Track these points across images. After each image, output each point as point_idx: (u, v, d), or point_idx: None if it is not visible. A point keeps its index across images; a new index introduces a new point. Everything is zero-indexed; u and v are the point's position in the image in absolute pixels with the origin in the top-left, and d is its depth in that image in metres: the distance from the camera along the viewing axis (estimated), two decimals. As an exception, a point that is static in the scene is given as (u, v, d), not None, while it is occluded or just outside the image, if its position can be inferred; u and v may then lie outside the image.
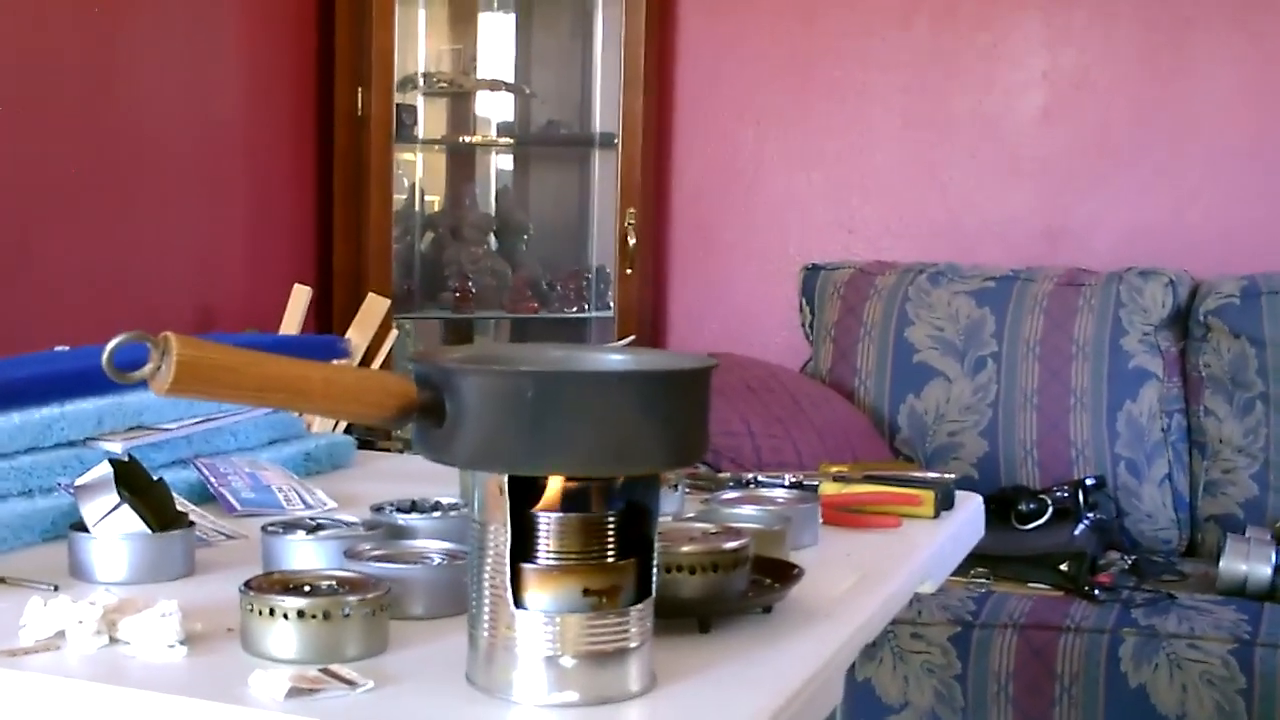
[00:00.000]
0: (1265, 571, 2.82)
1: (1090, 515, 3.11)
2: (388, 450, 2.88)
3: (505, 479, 1.02)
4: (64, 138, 3.12)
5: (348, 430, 2.97)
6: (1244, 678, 2.56)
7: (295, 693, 1.04)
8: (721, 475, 1.85)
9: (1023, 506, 3.10)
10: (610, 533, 1.06)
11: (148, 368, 0.98)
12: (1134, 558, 3.06)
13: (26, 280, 3.03)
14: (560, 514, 1.05)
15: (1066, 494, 3.15)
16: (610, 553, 1.06)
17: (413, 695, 1.07)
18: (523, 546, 1.04)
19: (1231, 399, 3.28)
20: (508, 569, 1.04)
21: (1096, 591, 2.79)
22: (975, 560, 2.72)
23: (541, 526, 1.05)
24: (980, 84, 3.84)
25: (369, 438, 2.98)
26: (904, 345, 3.46)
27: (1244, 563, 2.84)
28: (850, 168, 3.96)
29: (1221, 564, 2.86)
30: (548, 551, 1.05)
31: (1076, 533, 3.03)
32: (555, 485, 1.05)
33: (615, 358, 1.16)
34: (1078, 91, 3.76)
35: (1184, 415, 3.33)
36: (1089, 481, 3.18)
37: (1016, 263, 3.61)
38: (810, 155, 3.99)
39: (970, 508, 1.83)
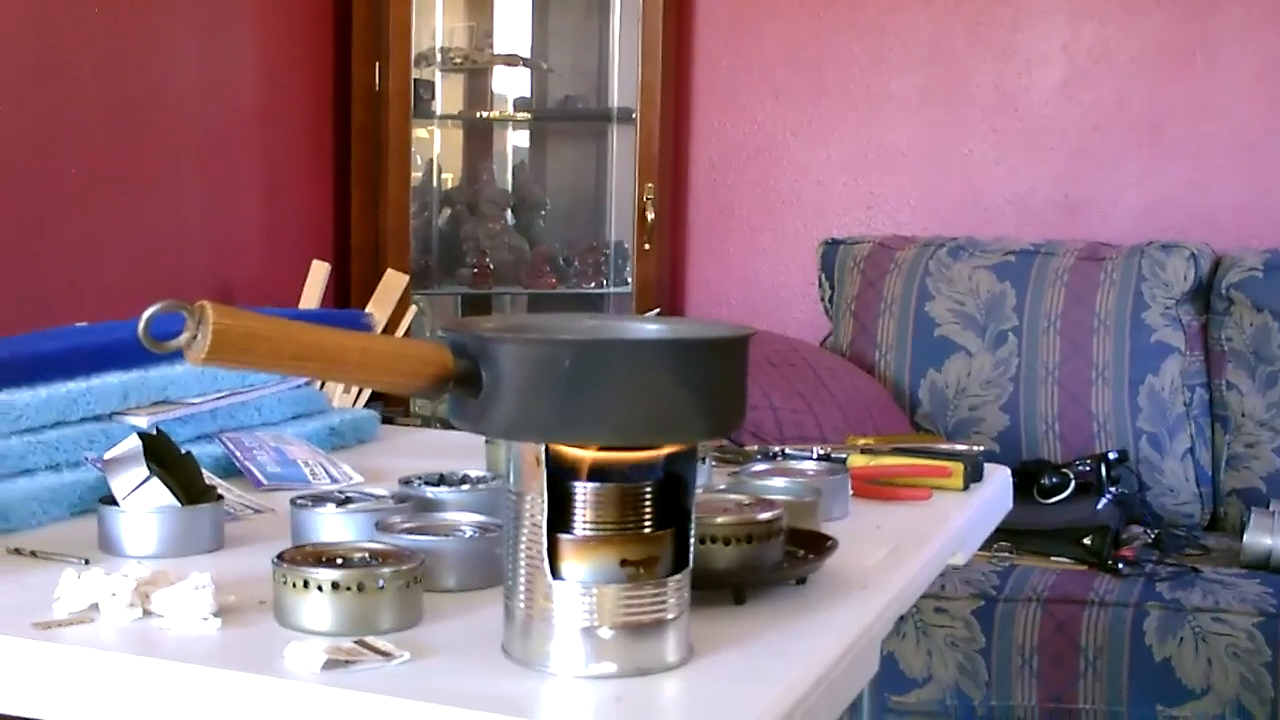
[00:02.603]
0: (1289, 545, 2.81)
1: (1112, 489, 3.10)
2: (409, 425, 2.88)
3: (542, 449, 1.01)
4: (81, 118, 3.11)
5: (369, 404, 2.97)
6: (1269, 650, 2.54)
7: (331, 664, 1.03)
8: (748, 448, 1.84)
9: (1045, 480, 3.09)
10: (648, 503, 1.05)
11: (183, 337, 0.97)
12: (1156, 532, 3.05)
13: (45, 258, 3.03)
14: (597, 484, 1.04)
15: (1088, 468, 3.13)
16: (647, 523, 1.05)
17: (449, 667, 1.06)
18: (559, 517, 1.04)
19: (1254, 373, 3.26)
20: (545, 539, 1.03)
21: (1120, 565, 2.78)
22: (998, 534, 2.69)
23: (578, 497, 1.04)
24: (1000, 57, 3.82)
25: (389, 413, 2.98)
26: (924, 319, 3.44)
27: (1268, 536, 2.83)
28: (869, 142, 3.94)
29: (1246, 538, 2.84)
30: (584, 522, 1.04)
31: (1099, 507, 3.02)
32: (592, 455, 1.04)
33: (650, 327, 1.15)
34: (1097, 65, 3.74)
35: (1206, 389, 3.31)
36: (1111, 455, 3.16)
37: (1037, 236, 3.59)
38: (829, 129, 3.98)
39: (998, 480, 1.82)
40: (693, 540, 1.08)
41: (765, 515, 1.25)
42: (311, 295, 3.43)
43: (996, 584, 2.71)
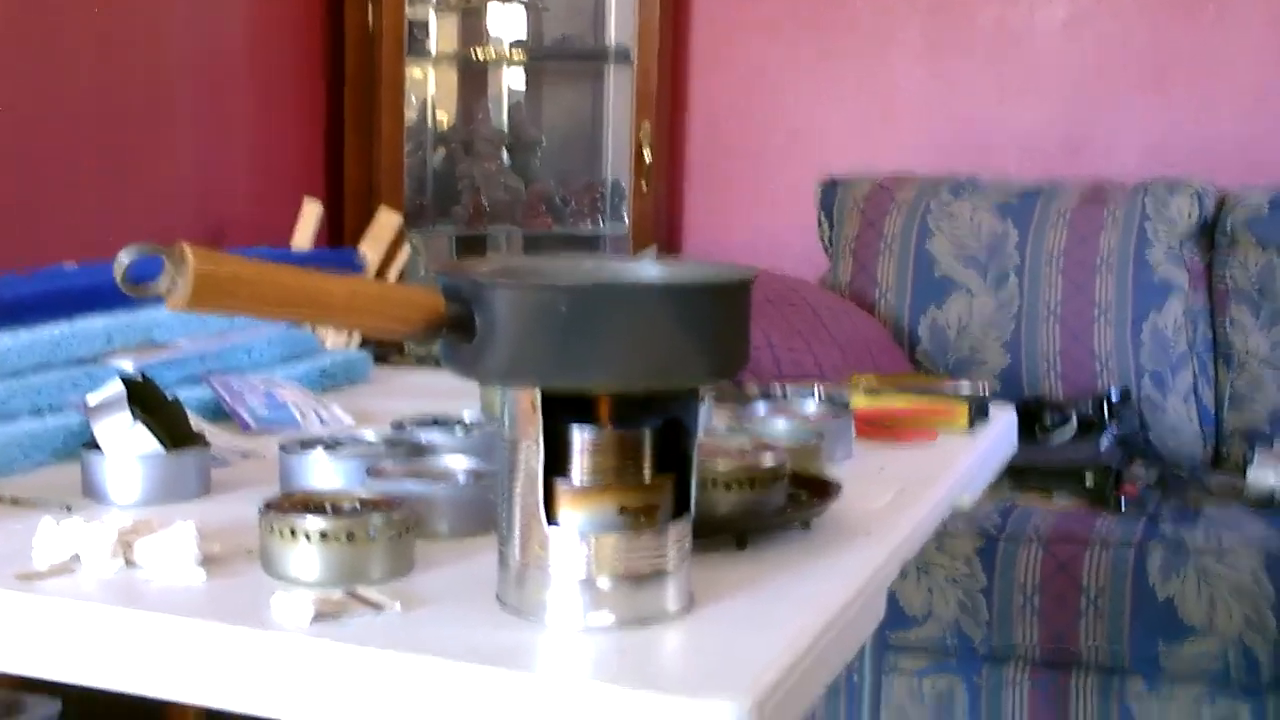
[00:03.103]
0: (1293, 484, 2.79)
1: (1115, 428, 3.07)
2: (403, 365, 2.84)
3: (538, 393, 0.98)
4: (70, 55, 3.06)
5: (362, 345, 2.93)
6: (1273, 590, 2.52)
7: (320, 616, 1.00)
8: (747, 388, 1.80)
9: (1047, 419, 3.05)
10: (647, 449, 1.02)
11: (163, 282, 0.92)
12: (1159, 470, 3.03)
13: (32, 198, 2.98)
14: (595, 429, 1.00)
15: (1091, 407, 3.10)
16: (647, 470, 1.02)
17: (442, 618, 1.03)
18: (555, 464, 1.00)
19: (1258, 311, 3.23)
20: (540, 487, 0.99)
21: (1122, 504, 2.76)
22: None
23: (576, 443, 1.00)
24: (1001, -8, 3.77)
25: (382, 352, 2.95)
26: (925, 258, 3.40)
27: (1272, 475, 2.80)
28: (870, 80, 3.89)
29: (1249, 476, 2.82)
30: (582, 469, 1.01)
31: (1101, 446, 2.99)
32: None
33: (651, 270, 1.11)
34: (1100, 3, 3.69)
35: (1209, 327, 3.28)
36: (1113, 394, 3.13)
37: (1039, 175, 3.55)
38: (829, 67, 3.93)
39: (1004, 421, 1.80)
40: (694, 487, 1.04)
41: (768, 459, 1.22)
42: (304, 234, 3.39)
43: (998, 523, 2.69)
